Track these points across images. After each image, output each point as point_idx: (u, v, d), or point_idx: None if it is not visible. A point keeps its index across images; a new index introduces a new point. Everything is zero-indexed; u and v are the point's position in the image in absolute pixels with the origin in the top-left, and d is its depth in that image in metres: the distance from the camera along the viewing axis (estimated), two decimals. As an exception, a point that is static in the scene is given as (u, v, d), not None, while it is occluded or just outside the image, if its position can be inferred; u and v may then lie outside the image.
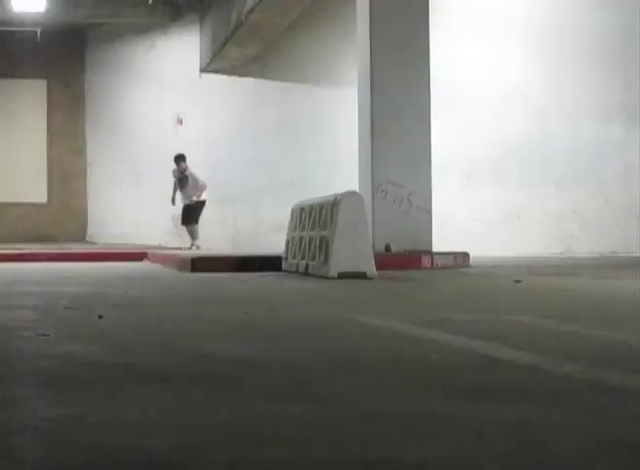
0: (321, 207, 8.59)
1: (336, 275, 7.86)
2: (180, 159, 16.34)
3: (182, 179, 16.19)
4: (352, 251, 7.96)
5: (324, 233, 8.31)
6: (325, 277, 7.92)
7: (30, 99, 20.90)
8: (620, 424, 2.04)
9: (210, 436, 1.91)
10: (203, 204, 16.11)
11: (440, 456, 1.75)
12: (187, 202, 16.14)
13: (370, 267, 7.98)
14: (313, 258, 8.50)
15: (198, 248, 15.73)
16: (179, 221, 16.41)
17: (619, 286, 7.15)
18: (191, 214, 16.13)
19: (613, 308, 5.11)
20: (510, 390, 2.46)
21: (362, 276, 7.86)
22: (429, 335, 3.70)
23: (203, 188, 16.02)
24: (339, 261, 7.94)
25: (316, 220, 8.66)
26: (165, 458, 1.75)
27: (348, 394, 2.41)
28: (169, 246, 17.25)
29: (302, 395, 2.40)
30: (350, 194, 8.29)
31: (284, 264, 9.53)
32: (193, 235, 16.09)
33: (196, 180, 16.09)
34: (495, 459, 1.73)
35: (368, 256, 8.09)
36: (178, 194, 16.28)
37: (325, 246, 8.20)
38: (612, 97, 15.21)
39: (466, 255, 10.58)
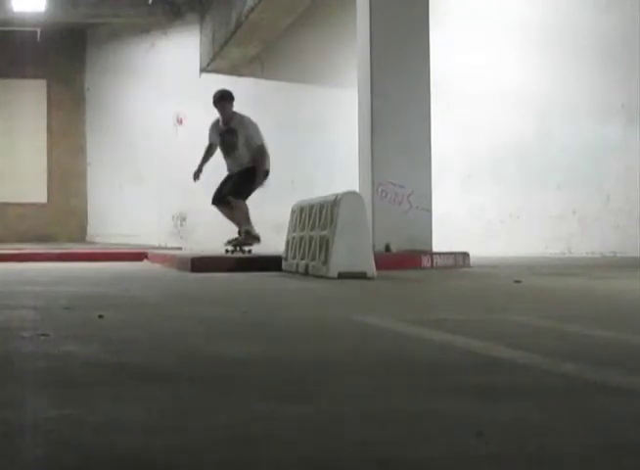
0: (321, 206, 8.59)
1: (336, 275, 7.86)
2: (224, 98, 10.89)
3: (227, 138, 10.80)
4: (352, 250, 7.96)
5: (324, 233, 8.31)
6: (325, 277, 7.91)
7: (30, 99, 20.89)
8: (620, 424, 2.03)
9: (211, 436, 1.91)
10: (262, 176, 10.73)
11: (440, 456, 1.75)
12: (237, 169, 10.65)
13: (370, 267, 7.97)
14: (313, 259, 8.49)
15: (249, 244, 10.80)
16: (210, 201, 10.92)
17: (620, 286, 7.15)
18: (238, 186, 10.60)
19: (613, 308, 5.11)
20: (510, 390, 2.46)
21: (362, 276, 7.86)
22: (428, 335, 3.70)
23: (264, 153, 10.62)
24: (339, 261, 7.94)
25: (316, 220, 8.66)
26: (165, 458, 1.75)
27: (348, 394, 2.41)
28: (169, 246, 17.25)
29: (302, 394, 2.40)
30: (350, 194, 8.29)
31: (284, 264, 9.52)
32: (240, 220, 10.78)
33: (252, 138, 10.64)
34: (495, 459, 1.73)
35: (368, 255, 8.08)
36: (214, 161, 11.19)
37: (325, 246, 8.20)
38: (612, 97, 15.21)
39: (466, 255, 10.58)
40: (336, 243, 7.97)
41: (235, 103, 11.09)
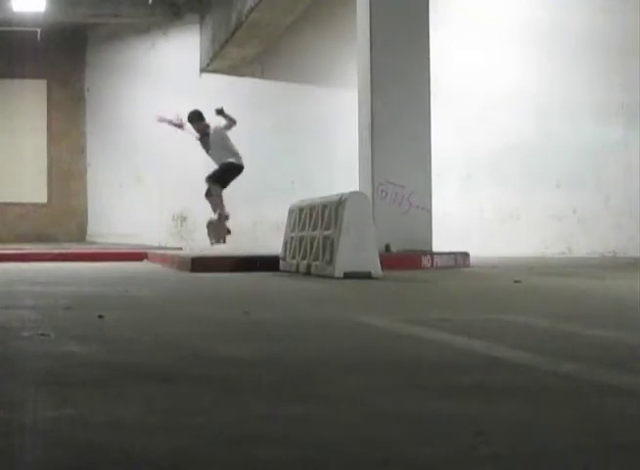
0: (324, 207, 8.58)
1: (342, 275, 7.88)
2: (196, 117, 12.88)
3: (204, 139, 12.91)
4: (358, 251, 7.98)
5: (328, 233, 8.32)
6: (330, 277, 7.92)
7: (30, 99, 20.91)
8: (620, 424, 2.03)
9: (211, 436, 1.91)
10: (239, 169, 12.61)
11: (440, 456, 1.75)
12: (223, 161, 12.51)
13: (375, 267, 7.99)
14: (316, 259, 8.50)
15: (219, 237, 12.26)
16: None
17: (619, 286, 7.14)
18: (221, 173, 12.47)
19: (612, 308, 5.11)
20: (510, 390, 2.46)
21: (367, 276, 7.88)
22: (429, 335, 3.70)
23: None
24: (344, 261, 7.95)
25: (319, 220, 8.66)
26: (166, 458, 1.75)
27: (349, 394, 2.41)
28: (170, 246, 17.25)
29: (303, 395, 2.40)
30: (356, 194, 8.30)
31: (281, 264, 9.53)
32: (215, 204, 12.45)
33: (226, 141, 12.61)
34: (495, 459, 1.73)
35: (374, 255, 8.09)
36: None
37: (330, 246, 8.20)
38: (612, 97, 15.21)
39: (466, 255, 10.58)
40: (341, 243, 7.97)
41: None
